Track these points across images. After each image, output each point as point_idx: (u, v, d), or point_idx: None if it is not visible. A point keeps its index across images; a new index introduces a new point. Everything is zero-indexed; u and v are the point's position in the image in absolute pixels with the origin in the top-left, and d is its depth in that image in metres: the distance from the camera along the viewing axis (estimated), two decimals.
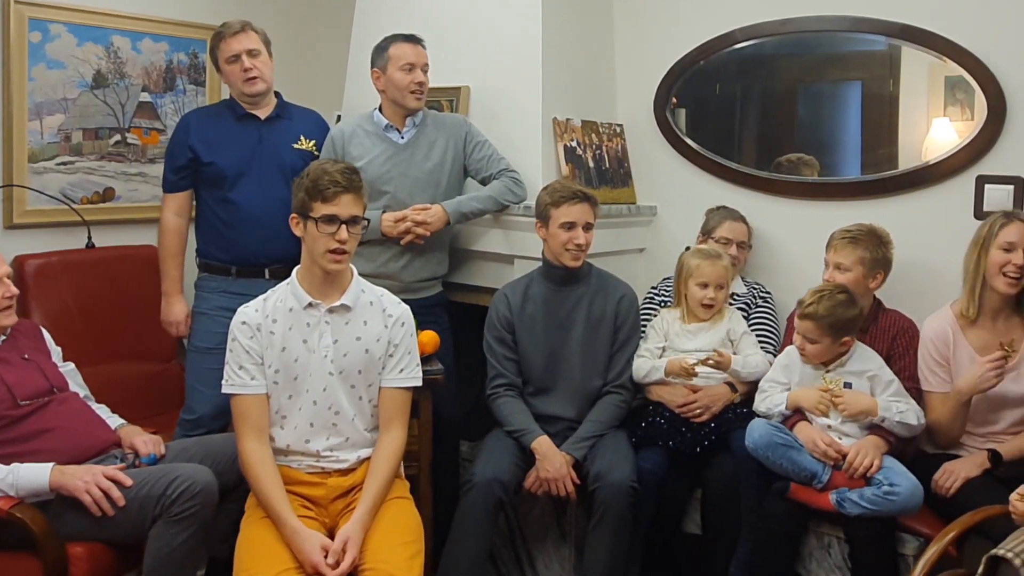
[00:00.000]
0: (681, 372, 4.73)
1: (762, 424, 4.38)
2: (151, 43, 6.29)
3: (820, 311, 4.36)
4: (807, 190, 5.35)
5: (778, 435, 4.31)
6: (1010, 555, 3.31)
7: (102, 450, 4.17)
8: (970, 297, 4.45)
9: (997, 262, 4.34)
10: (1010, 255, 4.31)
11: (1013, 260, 4.30)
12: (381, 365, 4.06)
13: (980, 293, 4.42)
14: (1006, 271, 4.32)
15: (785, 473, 4.33)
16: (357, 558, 3.70)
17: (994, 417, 4.42)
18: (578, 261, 4.77)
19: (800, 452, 4.29)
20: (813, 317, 4.37)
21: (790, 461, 4.28)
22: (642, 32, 5.91)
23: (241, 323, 3.95)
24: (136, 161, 6.26)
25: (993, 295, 4.40)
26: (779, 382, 4.58)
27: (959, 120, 4.91)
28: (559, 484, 4.54)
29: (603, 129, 5.77)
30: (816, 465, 4.26)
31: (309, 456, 3.99)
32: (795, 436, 4.35)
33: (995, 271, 4.35)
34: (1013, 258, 4.30)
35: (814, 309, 4.37)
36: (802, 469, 4.27)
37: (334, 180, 3.85)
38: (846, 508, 4.14)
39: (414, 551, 3.82)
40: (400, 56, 5.10)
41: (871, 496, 4.11)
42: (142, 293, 5.72)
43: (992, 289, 4.39)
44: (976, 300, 4.43)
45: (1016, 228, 4.33)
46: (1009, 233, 4.33)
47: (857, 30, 5.15)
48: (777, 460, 4.30)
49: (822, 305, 4.38)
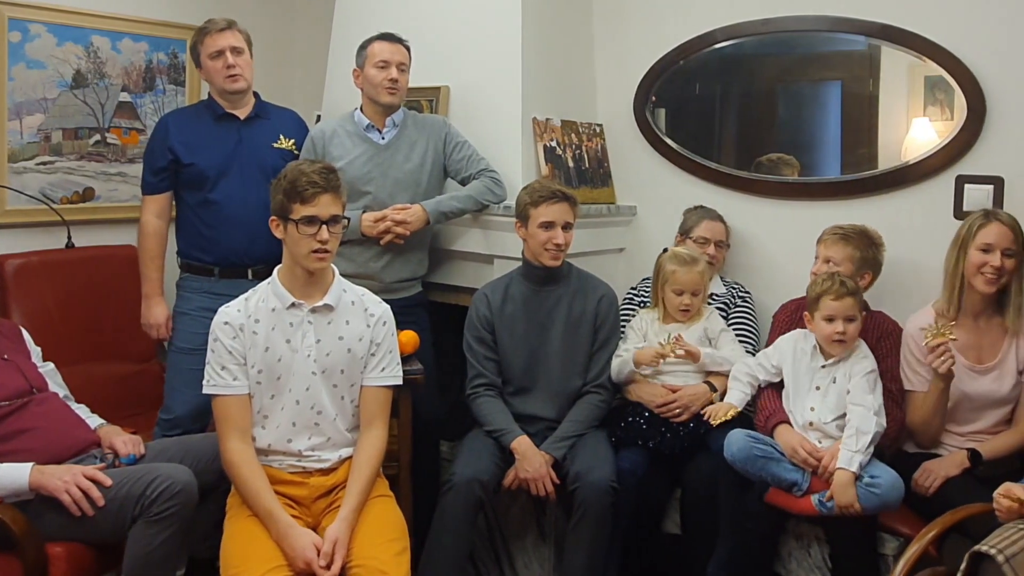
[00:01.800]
0: (652, 360, 4.74)
1: (741, 436, 4.33)
2: (131, 43, 6.29)
3: (852, 286, 4.36)
4: (787, 190, 5.35)
5: (757, 447, 4.28)
6: (994, 551, 3.32)
7: (82, 450, 4.17)
8: (949, 297, 4.46)
9: (975, 263, 4.34)
10: (988, 256, 4.31)
11: (991, 261, 4.30)
12: (363, 364, 4.07)
13: (960, 293, 4.43)
14: (984, 271, 4.33)
15: (766, 484, 4.33)
16: (345, 556, 3.71)
17: (974, 416, 4.44)
18: (557, 261, 4.77)
19: (780, 463, 4.27)
20: (854, 292, 4.34)
21: (770, 473, 4.26)
22: (622, 32, 5.91)
23: (223, 323, 3.95)
24: (116, 161, 6.26)
25: (973, 295, 4.41)
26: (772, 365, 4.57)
27: (939, 120, 4.91)
28: (538, 484, 4.54)
29: (583, 129, 5.78)
30: (795, 474, 4.24)
31: (291, 456, 3.99)
32: (774, 443, 4.35)
33: (974, 271, 4.35)
34: (991, 259, 4.31)
35: (850, 285, 4.36)
36: (782, 480, 4.26)
37: (312, 181, 3.85)
38: (829, 507, 4.13)
39: (400, 548, 3.84)
40: (376, 53, 5.12)
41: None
42: (122, 293, 5.70)
43: (972, 289, 4.39)
44: (956, 300, 4.43)
45: (994, 229, 4.33)
46: (987, 234, 4.33)
47: (837, 30, 5.15)
48: (757, 472, 4.28)
49: (847, 282, 4.37)
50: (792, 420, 4.40)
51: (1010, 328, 4.42)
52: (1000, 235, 4.32)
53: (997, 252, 4.30)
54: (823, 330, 4.37)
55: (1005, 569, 3.29)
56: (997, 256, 4.30)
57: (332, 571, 3.64)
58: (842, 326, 4.31)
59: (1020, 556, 3.33)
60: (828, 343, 4.38)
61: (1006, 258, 4.31)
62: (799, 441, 4.28)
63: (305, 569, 3.65)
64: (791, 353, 4.52)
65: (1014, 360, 4.40)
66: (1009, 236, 4.33)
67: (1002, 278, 4.33)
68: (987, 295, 4.39)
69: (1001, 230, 4.33)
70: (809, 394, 4.39)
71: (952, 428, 4.45)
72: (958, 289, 4.42)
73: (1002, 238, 4.32)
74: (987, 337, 4.43)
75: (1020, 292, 4.39)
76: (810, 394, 4.39)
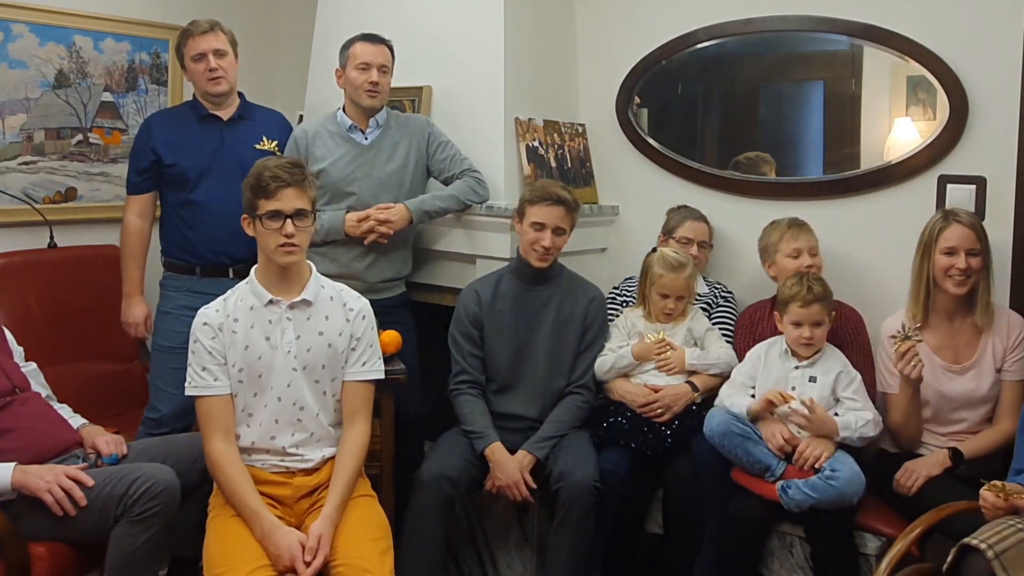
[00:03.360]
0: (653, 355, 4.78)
1: (721, 413, 4.41)
2: (113, 43, 6.28)
3: (820, 290, 4.42)
4: (769, 190, 5.36)
5: (736, 424, 4.34)
6: (983, 546, 3.34)
7: (64, 450, 4.15)
8: (915, 302, 4.49)
9: (942, 266, 4.36)
10: (953, 259, 4.33)
11: (956, 264, 4.32)
12: (344, 359, 4.07)
13: (928, 297, 4.45)
14: (951, 274, 4.34)
15: (739, 463, 4.37)
16: (328, 555, 3.72)
17: (955, 416, 4.45)
18: (544, 263, 4.78)
19: (757, 444, 4.32)
20: (822, 298, 4.40)
21: (746, 452, 4.31)
22: (604, 32, 5.92)
23: (203, 324, 3.96)
24: (98, 161, 6.25)
25: (944, 296, 4.42)
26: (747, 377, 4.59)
27: (921, 120, 4.92)
28: (513, 490, 4.56)
29: (565, 129, 5.78)
30: (771, 459, 4.29)
31: (274, 454, 4.00)
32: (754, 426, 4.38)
33: (942, 275, 4.37)
34: (956, 261, 4.32)
35: (819, 290, 4.41)
36: (756, 461, 4.30)
37: (275, 176, 3.86)
38: (789, 494, 4.17)
39: (384, 547, 3.86)
40: (357, 55, 5.12)
41: (813, 482, 4.14)
42: (104, 293, 5.69)
43: (942, 291, 4.41)
44: (923, 304, 4.45)
45: (955, 231, 4.35)
46: (949, 237, 4.35)
47: (819, 30, 5.16)
48: (733, 450, 4.33)
49: (816, 284, 4.42)
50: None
51: (982, 326, 4.44)
52: (962, 236, 4.34)
53: (961, 253, 4.32)
54: (790, 334, 4.46)
55: (994, 565, 3.31)
56: (962, 258, 4.32)
57: (314, 565, 3.65)
58: (808, 331, 4.40)
59: (1010, 552, 3.35)
60: (796, 346, 4.47)
61: (971, 258, 4.33)
62: (779, 429, 4.33)
63: (289, 568, 3.65)
64: (768, 352, 4.58)
65: (991, 359, 4.42)
66: (971, 236, 4.34)
67: (970, 278, 4.35)
68: (957, 296, 4.41)
69: (962, 231, 4.35)
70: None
71: (933, 428, 4.47)
72: (924, 294, 4.45)
73: (964, 239, 4.34)
74: (962, 337, 4.45)
75: (988, 289, 4.42)
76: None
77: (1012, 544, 3.37)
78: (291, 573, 3.66)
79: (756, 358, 4.61)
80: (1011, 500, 3.53)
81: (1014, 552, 3.36)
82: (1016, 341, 4.42)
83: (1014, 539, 3.39)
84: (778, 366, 4.51)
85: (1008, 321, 4.47)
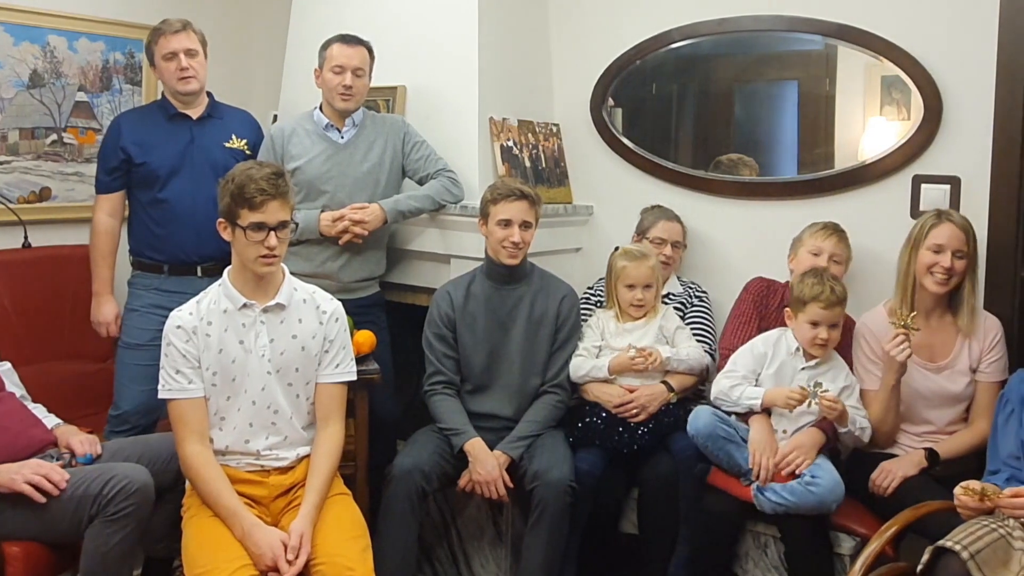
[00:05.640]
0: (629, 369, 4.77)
1: (708, 413, 4.38)
2: (87, 43, 6.26)
3: (842, 291, 4.40)
4: (743, 189, 5.38)
5: (721, 426, 4.34)
6: (957, 547, 3.37)
7: (38, 450, 4.14)
8: (902, 296, 4.49)
9: (926, 263, 4.38)
10: (939, 256, 4.35)
11: (941, 262, 4.34)
12: (317, 362, 4.08)
13: (912, 292, 4.46)
14: (933, 272, 4.36)
15: (719, 464, 4.38)
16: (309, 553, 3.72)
17: (929, 415, 4.47)
18: (515, 259, 4.79)
19: (739, 448, 4.32)
20: (843, 301, 4.39)
21: (727, 455, 4.32)
22: (578, 31, 5.93)
23: (176, 327, 3.94)
24: (73, 161, 6.23)
25: (925, 294, 4.44)
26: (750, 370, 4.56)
27: (895, 120, 4.93)
28: (491, 487, 4.56)
29: (539, 129, 5.80)
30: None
31: (249, 456, 4.00)
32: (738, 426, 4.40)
33: (924, 271, 4.39)
34: (941, 259, 4.34)
35: (840, 291, 4.39)
36: (736, 465, 4.31)
37: (261, 188, 3.82)
38: (765, 495, 4.18)
39: (364, 544, 3.88)
40: (333, 57, 5.14)
41: (792, 487, 4.14)
42: (79, 293, 5.65)
43: (923, 288, 4.43)
44: (908, 299, 4.46)
45: (946, 230, 4.37)
46: (939, 235, 4.37)
47: (794, 30, 5.17)
48: (715, 451, 4.33)
49: (838, 286, 4.40)
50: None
51: (962, 329, 4.45)
52: (952, 236, 4.35)
53: (948, 253, 4.34)
54: (805, 333, 4.41)
55: (970, 566, 3.33)
56: (948, 257, 4.33)
57: (298, 563, 3.66)
58: (826, 333, 4.36)
59: (984, 552, 3.38)
60: (809, 346, 4.42)
61: (956, 259, 4.34)
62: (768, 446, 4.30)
63: (272, 567, 3.65)
64: (776, 348, 4.54)
65: (966, 359, 4.44)
66: (961, 238, 4.36)
67: (952, 279, 4.36)
68: (938, 295, 4.42)
69: (953, 231, 4.36)
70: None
71: (907, 427, 4.50)
72: (911, 289, 4.46)
73: (953, 239, 4.35)
74: (939, 336, 4.46)
75: (972, 293, 4.44)
76: None
77: (986, 544, 3.40)
78: (273, 572, 3.66)
79: (761, 353, 4.56)
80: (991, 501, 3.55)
81: (988, 552, 3.39)
82: (992, 343, 4.44)
83: (988, 539, 3.42)
84: (788, 363, 4.48)
85: (984, 323, 4.49)
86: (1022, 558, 3.39)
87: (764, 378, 4.51)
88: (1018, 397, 3.97)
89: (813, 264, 4.64)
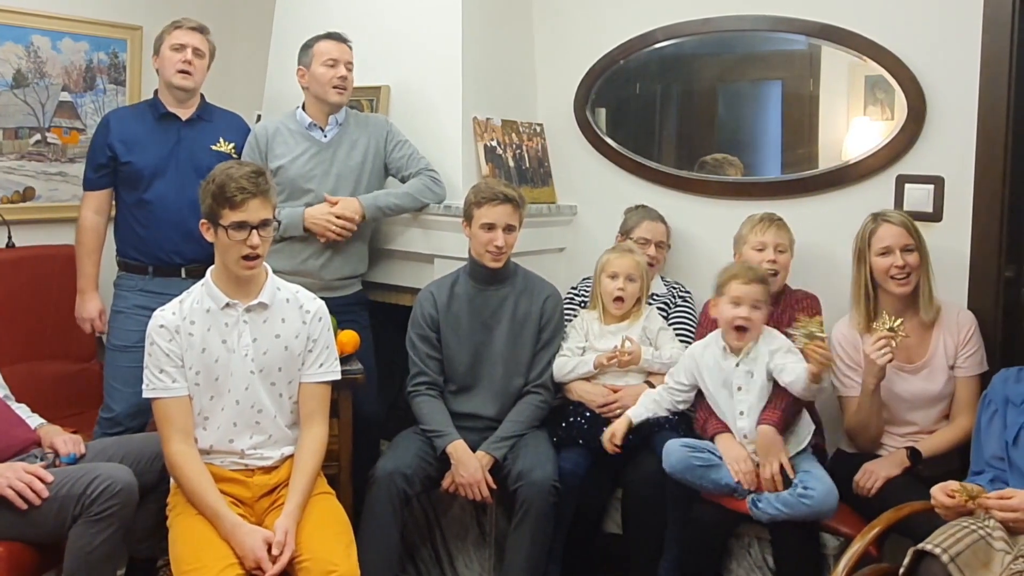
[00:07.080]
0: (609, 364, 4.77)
1: (678, 447, 4.32)
2: (71, 43, 6.26)
3: (763, 274, 4.42)
4: (727, 189, 5.38)
5: (695, 455, 4.29)
6: (937, 550, 3.37)
7: (22, 449, 4.14)
8: (856, 307, 4.55)
9: (881, 268, 4.41)
10: (890, 258, 4.39)
11: (894, 262, 4.37)
12: (301, 361, 4.07)
13: (868, 302, 4.50)
14: (892, 275, 4.39)
15: (706, 490, 4.34)
16: (293, 551, 3.73)
17: (911, 416, 4.48)
18: (498, 262, 4.79)
19: (719, 469, 4.28)
20: (764, 280, 4.38)
21: (710, 480, 4.28)
22: (562, 31, 5.93)
23: (159, 326, 3.94)
24: (56, 161, 6.23)
25: (890, 298, 4.47)
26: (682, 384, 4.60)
27: (879, 119, 4.94)
28: (474, 489, 4.56)
29: (523, 128, 5.80)
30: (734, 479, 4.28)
31: (233, 455, 4.00)
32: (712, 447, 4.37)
33: (884, 276, 4.42)
34: (894, 260, 4.38)
35: (760, 272, 4.43)
36: (722, 486, 4.28)
37: (241, 187, 3.83)
38: (760, 507, 4.17)
39: (348, 541, 3.89)
40: (323, 52, 5.15)
41: (785, 498, 4.12)
42: (62, 292, 5.66)
43: (887, 293, 4.45)
44: (864, 311, 4.50)
45: (886, 231, 4.42)
46: (881, 237, 4.42)
47: (777, 29, 5.18)
48: (696, 481, 4.30)
49: (758, 269, 4.45)
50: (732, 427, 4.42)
51: (927, 320, 4.47)
52: (894, 235, 4.40)
53: (897, 252, 4.38)
54: (727, 314, 4.37)
55: (951, 568, 3.34)
56: (898, 255, 4.37)
57: (281, 561, 3.66)
58: (747, 311, 4.32)
59: (965, 554, 3.38)
60: (730, 329, 4.39)
61: (906, 254, 4.38)
62: (744, 457, 4.29)
63: (256, 566, 3.66)
64: (703, 361, 4.53)
65: (943, 356, 4.45)
66: (903, 233, 4.41)
67: (911, 275, 4.40)
68: (903, 296, 4.44)
69: (893, 230, 4.42)
70: (734, 397, 4.40)
71: (890, 429, 4.50)
72: (864, 299, 4.51)
73: (897, 237, 4.40)
74: (912, 337, 4.44)
75: (928, 283, 4.46)
76: (735, 397, 4.39)
77: (967, 546, 3.41)
78: (259, 570, 3.66)
79: (688, 366, 4.58)
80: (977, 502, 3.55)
81: (969, 554, 3.40)
82: (966, 337, 4.46)
83: (968, 540, 3.43)
84: (717, 369, 4.47)
85: (958, 317, 4.50)
86: (1003, 559, 3.40)
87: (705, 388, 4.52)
88: (1001, 398, 3.98)
89: (759, 262, 4.66)
